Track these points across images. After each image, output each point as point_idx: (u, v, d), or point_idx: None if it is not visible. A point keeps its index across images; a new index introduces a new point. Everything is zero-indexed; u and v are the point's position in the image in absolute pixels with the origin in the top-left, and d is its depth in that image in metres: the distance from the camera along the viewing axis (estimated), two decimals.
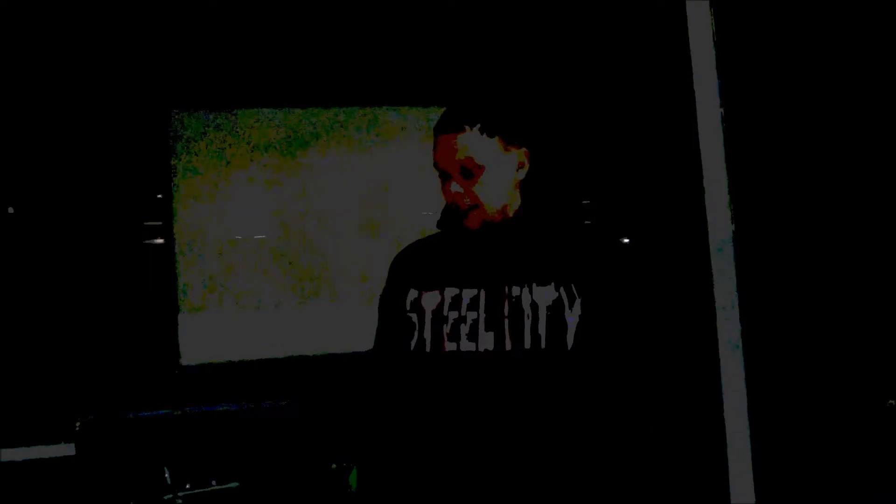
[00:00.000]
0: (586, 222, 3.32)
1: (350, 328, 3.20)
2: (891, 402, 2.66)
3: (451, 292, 1.63)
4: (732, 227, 3.07)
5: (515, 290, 1.61)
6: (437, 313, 1.62)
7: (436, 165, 1.65)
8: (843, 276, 2.98)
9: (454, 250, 1.69)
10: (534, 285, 1.62)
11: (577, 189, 3.34)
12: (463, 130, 1.61)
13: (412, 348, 1.63)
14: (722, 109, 3.08)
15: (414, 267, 1.71)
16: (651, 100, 3.28)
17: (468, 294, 1.62)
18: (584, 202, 3.35)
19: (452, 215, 1.66)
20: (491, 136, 1.62)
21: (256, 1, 3.12)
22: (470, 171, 1.61)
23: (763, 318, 3.05)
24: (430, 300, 1.64)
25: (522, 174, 1.70)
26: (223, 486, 2.74)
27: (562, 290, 1.62)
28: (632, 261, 3.29)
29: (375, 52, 3.25)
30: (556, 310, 1.60)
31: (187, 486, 2.74)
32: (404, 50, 3.26)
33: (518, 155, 1.68)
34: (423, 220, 3.20)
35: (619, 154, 3.34)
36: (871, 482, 2.79)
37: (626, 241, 3.34)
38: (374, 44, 3.24)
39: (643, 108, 3.30)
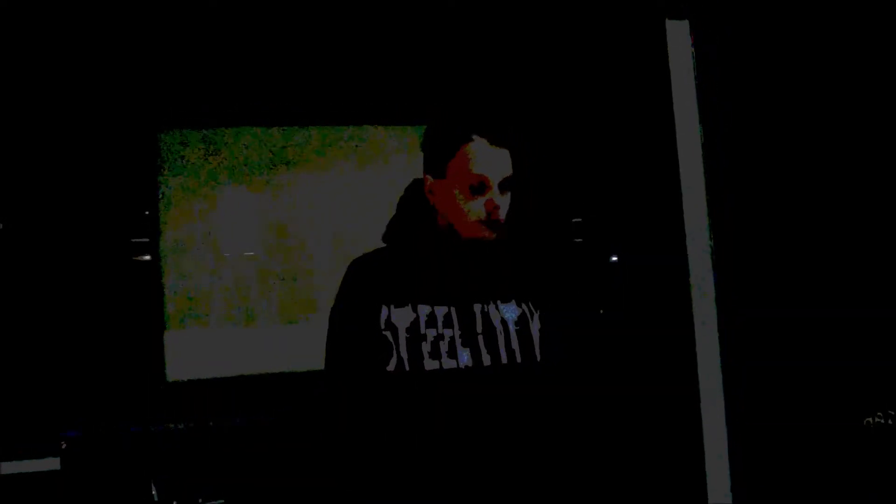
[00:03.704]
0: (552, 239, 3.35)
1: None
2: (868, 419, 2.69)
3: (423, 309, 1.63)
4: (710, 241, 3.10)
5: (484, 308, 1.64)
6: (413, 331, 1.61)
7: (456, 171, 1.63)
8: (822, 289, 3.02)
9: (418, 266, 1.69)
10: (498, 302, 1.64)
11: (552, 208, 3.37)
12: (509, 147, 1.65)
13: (392, 368, 1.61)
14: (700, 127, 3.12)
15: (378, 282, 1.67)
16: (630, 117, 3.31)
17: (440, 311, 1.63)
18: (561, 221, 3.38)
19: (489, 224, 1.65)
20: (515, 158, 1.68)
21: (243, 23, 3.14)
22: (508, 185, 1.65)
23: (741, 322, 3.08)
24: (402, 317, 1.63)
25: None
26: None
27: (524, 305, 1.66)
28: (605, 275, 3.33)
29: (360, 71, 3.27)
30: (523, 324, 1.64)
31: (174, 503, 2.74)
32: (389, 70, 3.29)
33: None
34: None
35: (596, 173, 3.37)
36: (846, 484, 2.82)
37: (603, 258, 3.37)
38: (360, 63, 3.27)
39: (622, 125, 3.33)
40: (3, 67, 3.01)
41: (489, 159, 1.62)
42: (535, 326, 1.64)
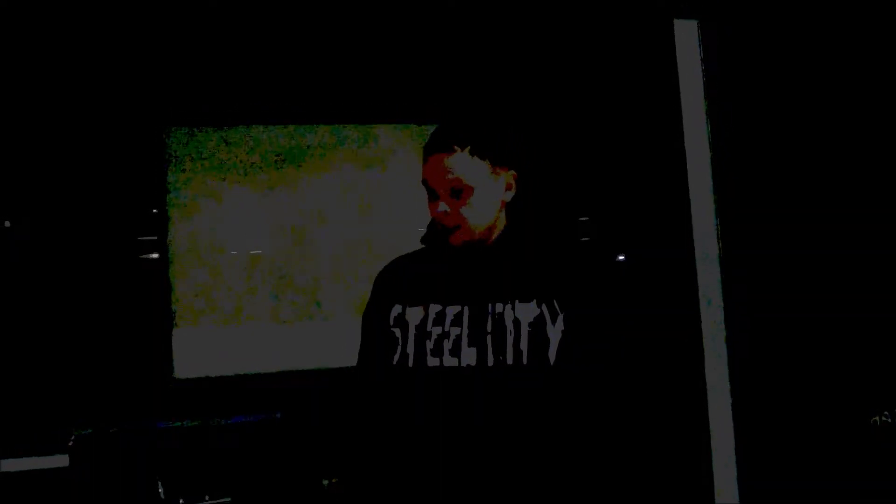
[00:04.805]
0: (570, 240, 3.34)
1: (343, 343, 3.21)
2: (875, 419, 2.68)
3: (434, 308, 1.65)
4: (719, 244, 3.10)
5: (498, 307, 1.64)
6: (421, 328, 1.64)
7: (424, 182, 1.67)
8: (829, 288, 3.01)
9: (438, 267, 1.72)
10: (516, 302, 1.64)
11: (562, 208, 3.36)
12: (453, 151, 1.62)
13: (395, 362, 1.65)
14: (708, 125, 3.12)
15: (398, 282, 1.73)
16: (638, 116, 3.31)
17: (452, 310, 1.64)
18: (570, 220, 3.37)
19: (437, 232, 1.69)
20: (482, 158, 1.64)
21: (252, 19, 3.15)
22: (458, 192, 1.63)
23: (748, 326, 3.08)
24: (413, 315, 1.66)
25: (509, 196, 1.72)
26: (216, 501, 2.75)
27: (544, 306, 1.65)
28: (616, 276, 3.33)
29: (369, 69, 3.28)
30: (538, 326, 1.63)
31: (181, 501, 2.75)
32: (397, 68, 3.29)
33: (506, 177, 1.70)
34: (416, 236, 3.22)
35: (606, 172, 3.37)
36: (853, 483, 2.82)
37: (613, 257, 3.36)
38: (368, 61, 3.27)
39: (630, 124, 3.33)
40: (9, 65, 3.02)
41: (430, 168, 1.65)
42: (553, 328, 1.63)
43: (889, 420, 2.69)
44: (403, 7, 3.17)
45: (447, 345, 1.62)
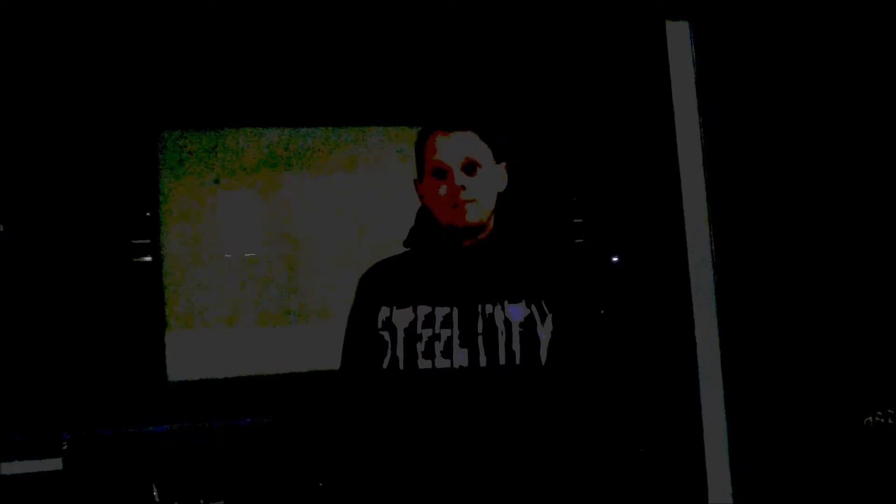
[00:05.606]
0: (560, 242, 3.35)
1: (337, 345, 3.21)
2: (868, 419, 2.70)
3: (423, 310, 1.66)
4: (712, 245, 3.11)
5: (488, 308, 1.65)
6: (410, 331, 1.64)
7: (426, 164, 1.71)
8: (823, 288, 3.03)
9: (425, 268, 1.73)
10: (506, 303, 1.65)
11: (552, 207, 3.37)
12: (466, 130, 1.70)
13: (385, 366, 1.65)
14: (701, 128, 3.13)
15: (384, 285, 1.73)
16: (631, 119, 3.31)
17: (441, 312, 1.65)
18: (561, 222, 3.38)
19: (434, 221, 1.70)
20: (487, 143, 1.72)
21: (244, 22, 3.15)
22: (472, 167, 1.68)
23: (740, 326, 3.09)
24: (402, 318, 1.66)
25: (503, 187, 1.77)
26: None
27: (533, 307, 1.66)
28: (606, 277, 3.33)
29: (361, 71, 3.28)
30: (528, 326, 1.64)
31: None
32: (389, 70, 3.29)
33: (500, 168, 1.76)
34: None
35: (595, 172, 3.37)
36: (846, 484, 2.83)
37: (605, 259, 3.37)
38: (360, 63, 3.27)
39: (623, 127, 3.33)
40: (2, 67, 3.01)
41: (443, 145, 1.69)
42: (542, 328, 1.64)
43: (882, 420, 2.70)
44: (396, 7, 3.17)
45: (438, 346, 1.62)
